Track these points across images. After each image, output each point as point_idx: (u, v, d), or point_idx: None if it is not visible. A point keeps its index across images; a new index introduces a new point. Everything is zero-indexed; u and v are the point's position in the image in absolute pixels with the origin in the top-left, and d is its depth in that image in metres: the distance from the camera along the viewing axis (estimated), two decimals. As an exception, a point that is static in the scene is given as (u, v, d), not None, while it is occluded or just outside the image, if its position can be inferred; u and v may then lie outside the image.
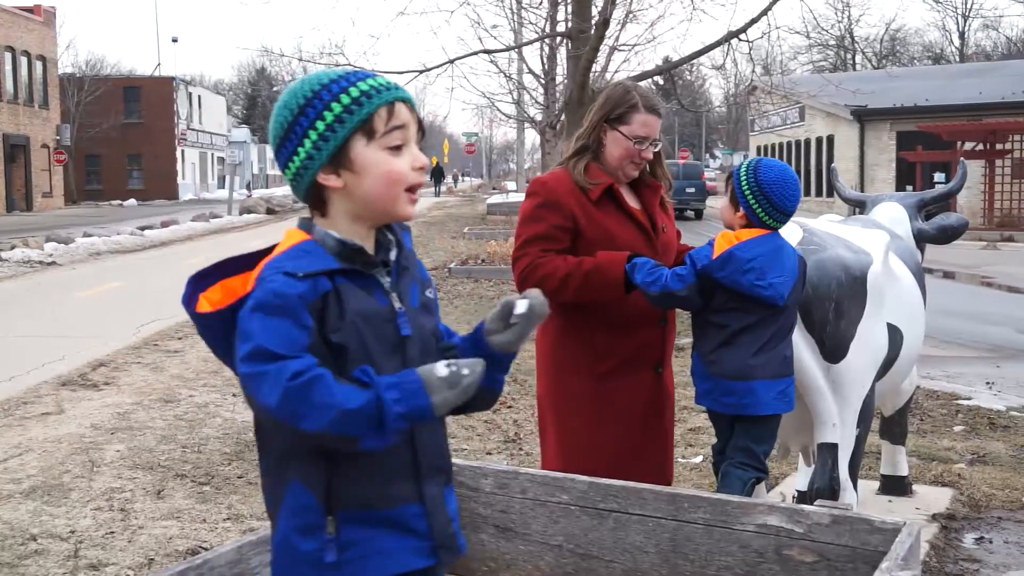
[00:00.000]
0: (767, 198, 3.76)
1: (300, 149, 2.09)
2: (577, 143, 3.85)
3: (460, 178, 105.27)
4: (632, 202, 3.84)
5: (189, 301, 2.11)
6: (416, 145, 2.15)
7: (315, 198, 2.13)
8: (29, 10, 49.59)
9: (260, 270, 2.05)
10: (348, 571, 2.08)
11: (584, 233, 3.71)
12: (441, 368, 1.99)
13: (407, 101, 2.13)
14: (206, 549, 4.58)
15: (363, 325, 2.06)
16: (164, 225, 30.41)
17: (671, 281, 3.61)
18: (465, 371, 1.99)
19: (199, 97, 71.87)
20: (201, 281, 2.12)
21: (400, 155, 2.10)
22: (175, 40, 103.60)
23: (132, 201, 56.92)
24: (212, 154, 73.93)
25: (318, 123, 2.08)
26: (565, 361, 3.85)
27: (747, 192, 3.79)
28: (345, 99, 2.08)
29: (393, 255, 2.17)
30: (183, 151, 66.84)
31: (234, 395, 8.43)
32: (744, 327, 3.73)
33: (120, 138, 60.77)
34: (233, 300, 2.08)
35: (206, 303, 2.09)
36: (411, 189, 2.13)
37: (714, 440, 4.04)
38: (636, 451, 3.80)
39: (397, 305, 2.12)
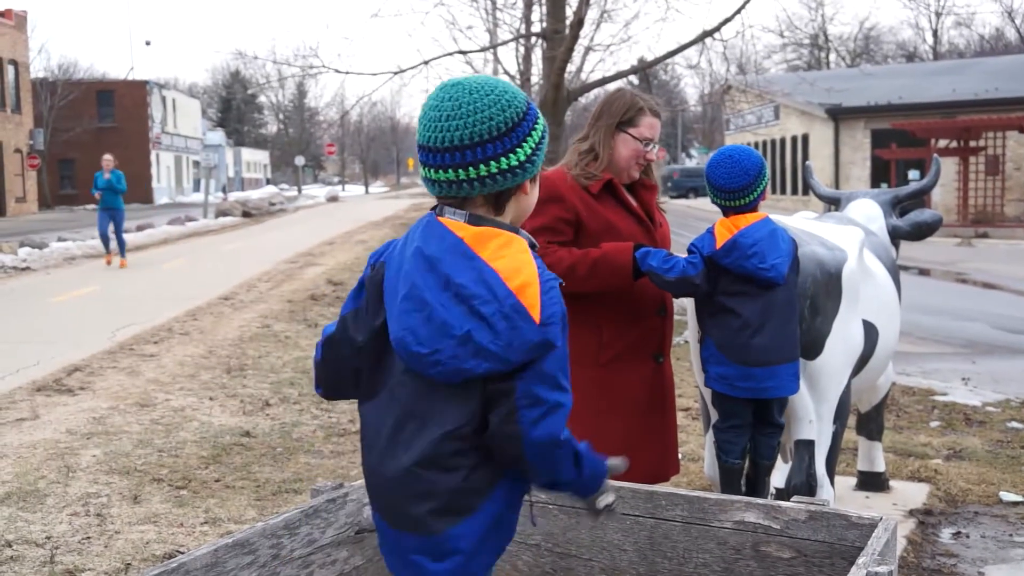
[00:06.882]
0: (707, 178, 4.00)
1: (519, 151, 2.16)
2: (581, 147, 3.96)
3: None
4: (630, 199, 3.98)
5: None
6: None
7: (501, 197, 2.20)
8: (0, 14, 49.22)
9: (536, 276, 2.11)
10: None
11: (586, 225, 3.82)
12: (610, 496, 2.32)
13: None
14: (183, 553, 4.56)
15: None
16: (139, 229, 30.21)
17: (688, 268, 3.82)
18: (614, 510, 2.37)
19: (173, 100, 71.52)
20: None
21: None
22: (148, 43, 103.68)
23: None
24: (187, 157, 73.57)
25: (532, 135, 2.17)
26: (570, 353, 3.91)
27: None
28: (541, 125, 2.21)
29: None
30: (157, 155, 66.48)
31: (211, 399, 8.40)
32: (757, 313, 3.88)
33: (94, 142, 60.30)
34: None
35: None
36: None
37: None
38: (640, 438, 3.89)
39: None
